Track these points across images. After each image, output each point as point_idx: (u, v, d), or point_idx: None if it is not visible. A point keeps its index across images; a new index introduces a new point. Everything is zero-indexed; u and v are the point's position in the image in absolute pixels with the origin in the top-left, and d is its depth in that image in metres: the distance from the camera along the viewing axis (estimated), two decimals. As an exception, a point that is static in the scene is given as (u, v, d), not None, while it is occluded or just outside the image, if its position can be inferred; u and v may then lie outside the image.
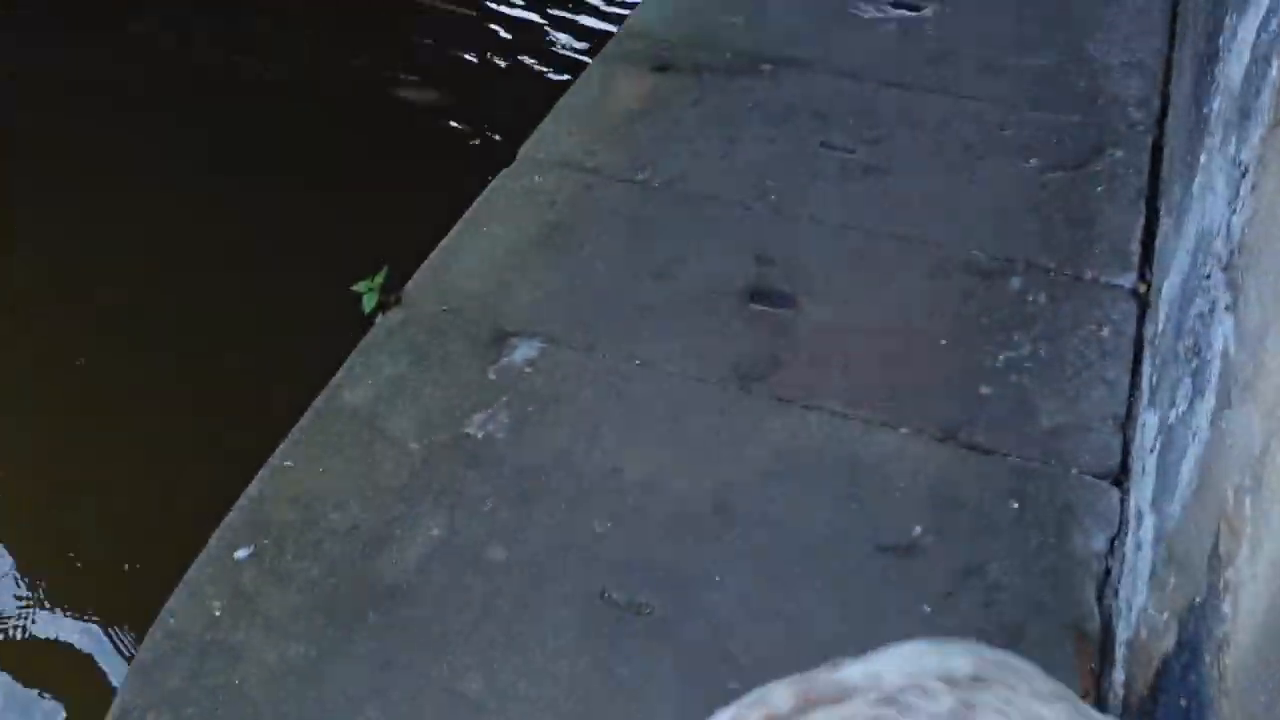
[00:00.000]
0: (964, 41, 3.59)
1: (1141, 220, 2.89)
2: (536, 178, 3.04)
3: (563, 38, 5.89)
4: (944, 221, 2.90)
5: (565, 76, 5.45)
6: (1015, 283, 2.72)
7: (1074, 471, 2.32)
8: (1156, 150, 3.14)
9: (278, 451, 2.41)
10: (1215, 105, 2.32)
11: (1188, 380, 1.96)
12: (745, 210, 2.94)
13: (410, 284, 2.76)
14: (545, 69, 5.59)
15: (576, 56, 5.57)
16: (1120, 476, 2.31)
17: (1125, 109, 3.28)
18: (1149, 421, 2.24)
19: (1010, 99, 3.33)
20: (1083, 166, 3.06)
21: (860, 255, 2.81)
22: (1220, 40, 2.45)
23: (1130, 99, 3.32)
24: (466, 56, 5.69)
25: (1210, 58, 2.51)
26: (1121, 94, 3.34)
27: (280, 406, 2.55)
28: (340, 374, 2.54)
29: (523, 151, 3.15)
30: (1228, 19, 2.42)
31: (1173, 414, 2.04)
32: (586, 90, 3.37)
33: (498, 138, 4.81)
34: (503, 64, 5.56)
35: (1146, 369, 2.43)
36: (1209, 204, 2.15)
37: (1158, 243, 2.77)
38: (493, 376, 2.52)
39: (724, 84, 3.38)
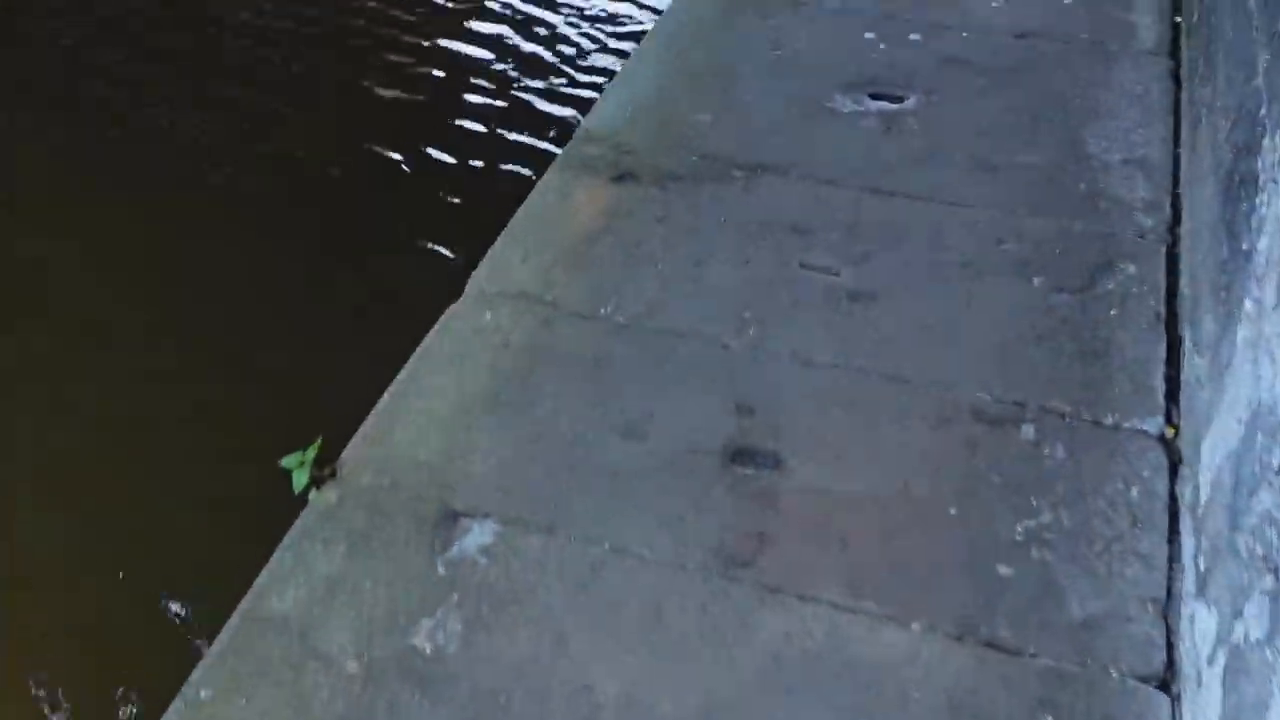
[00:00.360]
0: (951, 136, 3.31)
1: (1163, 349, 2.60)
2: (488, 315, 2.72)
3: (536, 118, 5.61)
4: (943, 357, 2.60)
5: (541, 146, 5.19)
6: (1028, 432, 2.42)
7: (1114, 674, 2.01)
8: (1171, 260, 2.86)
9: (192, 678, 2.07)
10: (1260, 244, 2.04)
11: (1262, 599, 1.66)
12: (721, 349, 2.63)
13: (347, 452, 2.43)
14: (513, 153, 5.32)
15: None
16: (1167, 677, 2.01)
17: (1133, 214, 3.01)
18: (1200, 617, 1.94)
19: (1006, 204, 3.04)
20: (1092, 285, 2.78)
21: (851, 402, 2.50)
22: (1259, 162, 2.17)
23: (1137, 202, 3.04)
24: (429, 150, 5.38)
25: (1246, 180, 2.23)
26: (1127, 196, 3.06)
27: (200, 610, 2.21)
28: (266, 573, 2.21)
29: (473, 282, 2.83)
30: (1267, 140, 2.15)
31: (1240, 629, 1.73)
32: (542, 205, 3.06)
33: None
34: (467, 155, 5.27)
35: (1188, 545, 2.13)
36: (1265, 371, 1.86)
37: (1184, 378, 2.49)
38: (442, 570, 2.19)
39: (692, 194, 3.08)
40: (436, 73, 6.06)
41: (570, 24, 6.43)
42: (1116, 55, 3.67)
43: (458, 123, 5.60)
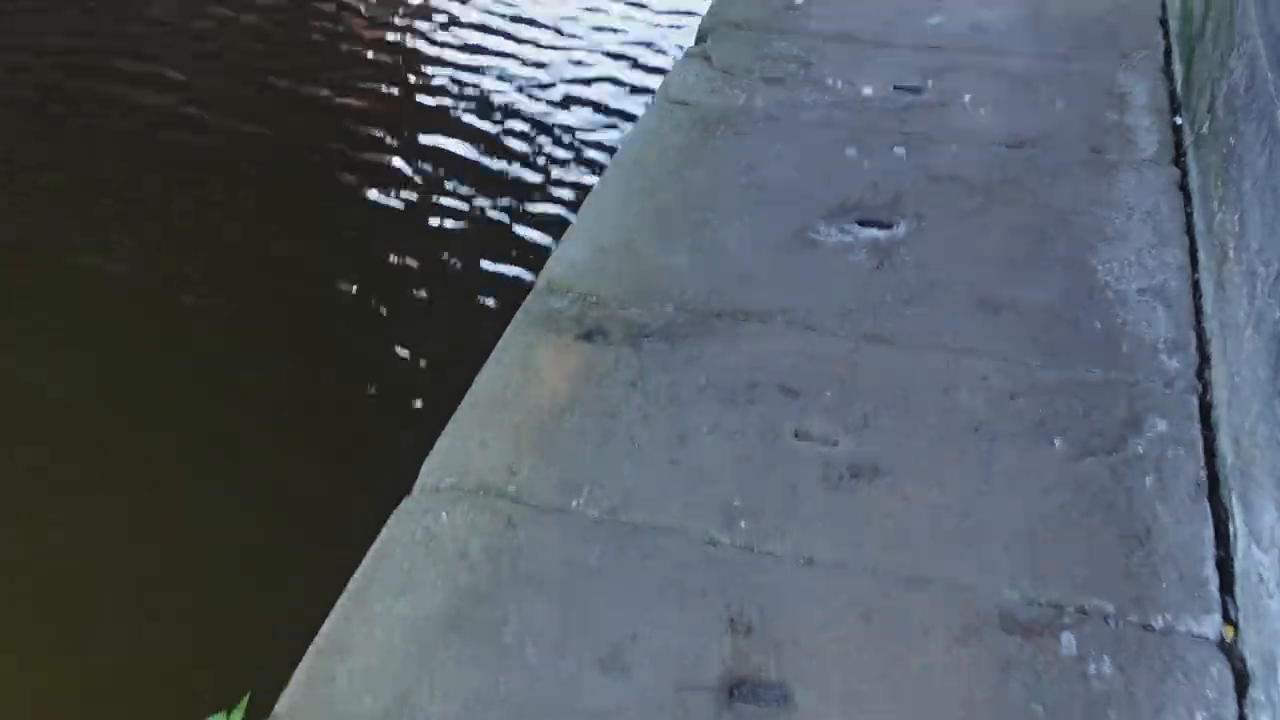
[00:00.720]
0: (948, 268, 3.03)
1: (1210, 528, 2.30)
2: (443, 516, 2.39)
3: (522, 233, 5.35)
4: (962, 548, 2.29)
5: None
6: (1068, 642, 2.10)
7: None
8: (1204, 410, 2.57)
9: None
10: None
11: None
12: (710, 548, 2.31)
13: (281, 704, 2.08)
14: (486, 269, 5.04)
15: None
16: None
17: (1156, 356, 2.72)
18: None
19: (1016, 351, 2.75)
20: (1120, 448, 2.48)
21: (864, 613, 2.18)
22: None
23: (1160, 341, 2.76)
24: (397, 263, 5.09)
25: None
26: (1148, 335, 2.78)
27: None
28: None
29: (425, 474, 2.50)
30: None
31: None
32: (501, 374, 2.74)
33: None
34: (437, 278, 4.98)
35: (1273, 798, 1.81)
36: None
37: (1241, 568, 2.18)
38: None
39: (668, 353, 2.77)
40: (410, 174, 5.79)
41: (553, 119, 6.19)
42: (1117, 165, 3.41)
43: (429, 236, 5.33)
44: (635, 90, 6.63)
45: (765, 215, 3.25)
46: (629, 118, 6.23)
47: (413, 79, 6.95)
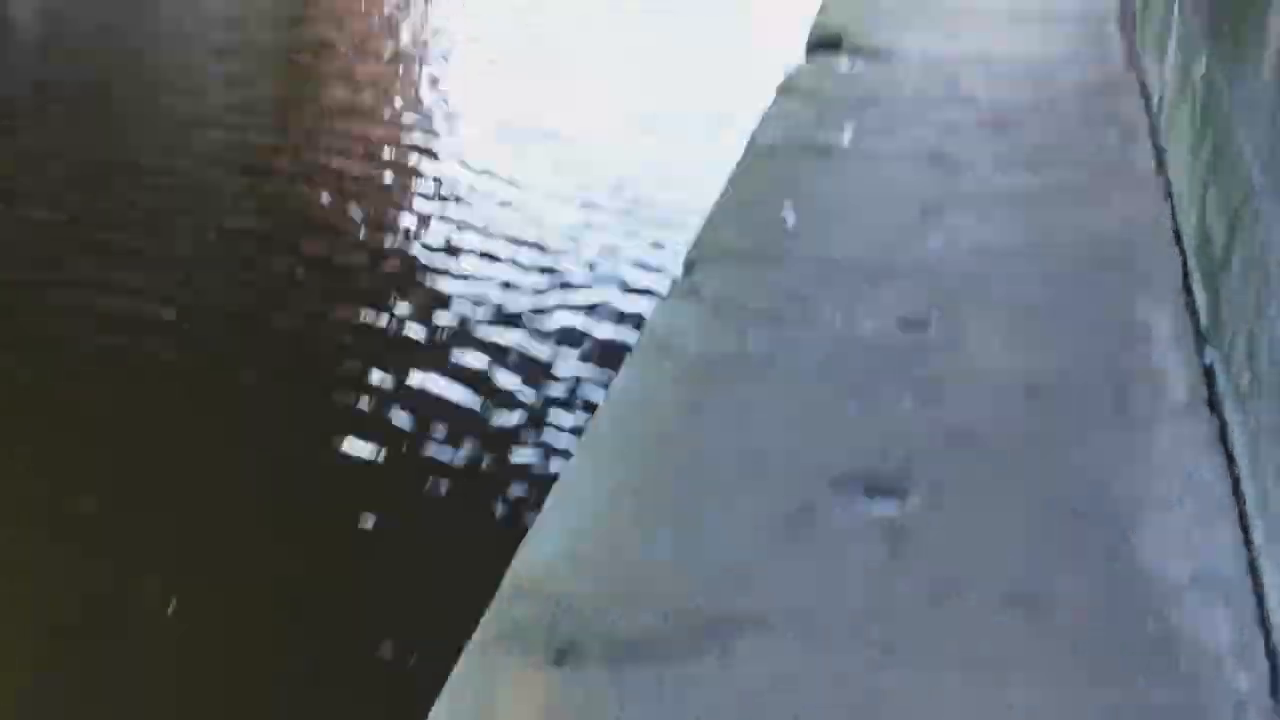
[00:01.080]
0: (971, 553, 2.67)
1: None
2: None
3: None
4: None
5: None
6: None
7: None
8: (1285, 744, 2.17)
9: None
10: None
11: None
12: None
13: None
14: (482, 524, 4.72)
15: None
16: None
17: (1221, 669, 2.34)
18: None
19: (1060, 669, 2.37)
20: (1197, 803, 2.07)
21: None
22: None
23: (1224, 648, 2.38)
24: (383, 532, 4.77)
25: None
26: (1208, 640, 2.40)
27: None
28: None
29: None
30: None
31: None
32: (458, 713, 2.35)
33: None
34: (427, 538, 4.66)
35: None
36: None
37: None
38: None
39: (655, 681, 2.39)
40: (403, 419, 5.50)
41: (558, 355, 5.94)
42: (1147, 417, 3.09)
43: (419, 492, 5.01)
44: (637, 291, 6.46)
45: (761, 490, 2.90)
46: (634, 322, 5.99)
47: (402, 296, 6.75)
